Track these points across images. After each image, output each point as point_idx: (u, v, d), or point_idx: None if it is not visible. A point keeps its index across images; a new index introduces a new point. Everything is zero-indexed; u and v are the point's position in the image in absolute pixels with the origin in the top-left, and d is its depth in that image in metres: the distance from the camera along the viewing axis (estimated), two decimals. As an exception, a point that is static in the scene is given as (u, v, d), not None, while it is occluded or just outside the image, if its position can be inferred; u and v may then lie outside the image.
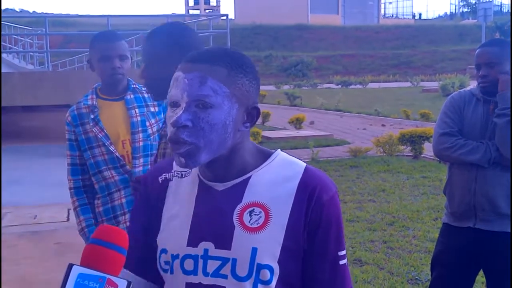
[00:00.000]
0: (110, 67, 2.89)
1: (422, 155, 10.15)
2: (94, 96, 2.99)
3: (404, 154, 10.47)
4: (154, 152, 2.96)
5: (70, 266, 1.15)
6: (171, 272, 1.34)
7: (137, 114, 2.95)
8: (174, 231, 1.36)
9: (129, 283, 1.17)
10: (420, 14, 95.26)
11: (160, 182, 1.43)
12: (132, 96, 3.01)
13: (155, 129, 3.01)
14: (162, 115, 2.99)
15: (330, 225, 1.32)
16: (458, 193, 2.92)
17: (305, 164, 1.36)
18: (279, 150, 1.39)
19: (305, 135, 13.39)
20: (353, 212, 6.55)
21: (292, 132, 14.11)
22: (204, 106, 1.24)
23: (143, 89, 3.07)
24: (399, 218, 6.31)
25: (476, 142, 2.83)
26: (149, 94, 3.04)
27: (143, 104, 3.02)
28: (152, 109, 3.04)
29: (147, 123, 2.98)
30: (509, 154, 2.74)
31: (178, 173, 1.41)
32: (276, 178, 1.32)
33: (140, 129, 2.89)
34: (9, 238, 5.18)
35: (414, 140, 10.06)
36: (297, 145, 11.84)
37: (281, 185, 1.31)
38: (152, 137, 2.98)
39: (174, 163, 1.43)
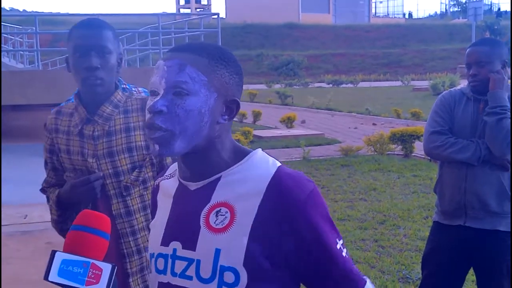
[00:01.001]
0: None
1: (413, 154, 10.19)
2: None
3: (395, 153, 10.50)
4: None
5: (53, 253, 1.15)
6: (150, 271, 1.37)
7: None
8: (154, 230, 1.38)
9: (113, 266, 1.16)
10: (410, 14, 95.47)
11: (155, 186, 1.48)
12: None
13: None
14: None
15: (316, 224, 1.24)
16: (449, 191, 2.93)
17: (280, 164, 1.30)
18: (258, 149, 1.34)
19: (296, 134, 13.40)
20: (344, 211, 6.56)
21: (283, 131, 14.11)
22: (181, 93, 1.23)
23: (133, 88, 3.00)
24: (390, 216, 6.33)
25: (466, 140, 2.85)
26: (139, 94, 3.00)
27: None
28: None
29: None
30: (498, 153, 2.76)
31: (167, 176, 1.43)
32: (246, 177, 1.27)
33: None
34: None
35: (405, 139, 10.10)
36: (288, 144, 11.85)
37: (250, 184, 1.26)
38: None
39: (168, 168, 1.46)
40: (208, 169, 1.30)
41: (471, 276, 3.57)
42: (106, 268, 1.16)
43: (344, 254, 1.29)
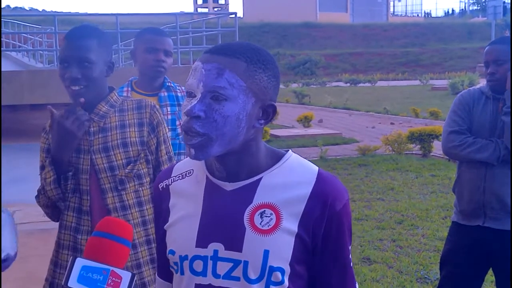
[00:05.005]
0: (155, 58, 2.95)
1: (431, 154, 10.12)
2: (129, 88, 3.03)
3: (413, 152, 10.43)
4: (182, 151, 2.99)
5: (74, 259, 1.15)
6: (182, 273, 1.33)
7: (168, 112, 2.97)
8: (181, 232, 1.35)
9: (133, 275, 1.17)
10: (430, 12, 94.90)
11: (161, 189, 1.43)
12: (165, 93, 3.05)
13: None
14: None
15: (343, 232, 1.31)
16: (467, 191, 2.90)
17: (317, 168, 1.34)
18: (290, 151, 1.36)
19: (314, 133, 13.36)
20: (361, 210, 6.54)
21: (301, 131, 14.09)
22: (219, 98, 1.22)
23: (178, 87, 3.12)
24: (408, 216, 6.29)
25: (485, 140, 2.82)
26: (182, 93, 3.09)
27: (176, 103, 3.06)
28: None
29: (177, 122, 3.01)
30: (518, 152, 2.73)
31: (179, 176, 1.41)
32: (288, 181, 1.30)
33: (169, 127, 2.90)
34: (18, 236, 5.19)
35: (423, 139, 10.03)
36: (306, 144, 11.82)
37: (293, 189, 1.29)
38: (180, 136, 3.01)
39: (174, 169, 1.43)
40: (245, 170, 1.30)
41: (490, 276, 3.54)
42: (126, 276, 1.16)
43: (351, 265, 1.37)
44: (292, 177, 1.30)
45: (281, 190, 1.29)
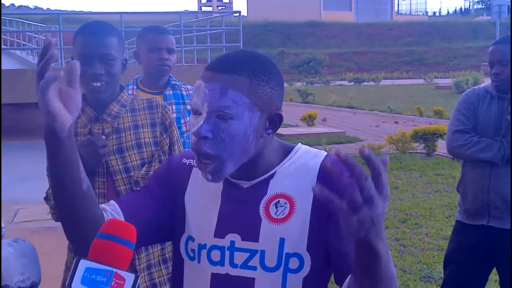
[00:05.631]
0: (158, 57, 2.94)
1: (435, 153, 10.10)
2: (135, 87, 3.04)
3: (417, 151, 10.42)
4: (187, 149, 2.99)
5: (78, 260, 1.16)
6: (198, 261, 1.35)
7: (174, 110, 2.97)
8: (201, 221, 1.37)
9: (136, 277, 1.17)
10: (434, 12, 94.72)
11: (183, 164, 1.42)
12: (171, 92, 3.06)
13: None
14: None
15: None
16: (472, 190, 2.90)
17: (326, 153, 1.36)
18: (299, 143, 1.40)
19: (318, 132, 13.37)
20: (365, 209, 6.53)
21: (304, 129, 14.09)
22: (225, 117, 1.23)
23: (183, 86, 3.12)
24: (412, 215, 6.29)
25: (490, 139, 2.82)
26: (187, 92, 3.09)
27: (181, 101, 3.06)
28: (189, 107, 3.08)
29: (182, 121, 3.02)
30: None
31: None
32: (299, 170, 1.33)
33: None
34: (23, 234, 5.20)
35: (427, 138, 10.02)
36: (309, 142, 11.82)
37: (303, 176, 1.31)
38: (185, 134, 3.02)
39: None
40: (259, 170, 1.33)
41: (494, 276, 3.54)
42: (129, 278, 1.17)
43: None
44: (302, 166, 1.33)
45: (292, 179, 1.32)
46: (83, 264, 1.16)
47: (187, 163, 1.43)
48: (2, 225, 1.60)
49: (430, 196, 7.19)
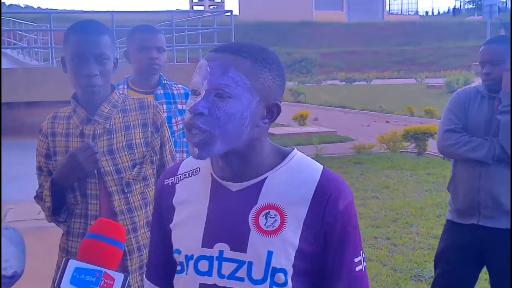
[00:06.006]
0: (148, 57, 2.94)
1: (426, 152, 10.14)
2: (125, 86, 3.03)
3: (408, 150, 10.46)
4: (178, 149, 2.99)
5: (67, 260, 1.16)
6: (186, 273, 1.33)
7: (164, 110, 2.97)
8: (188, 231, 1.34)
9: (125, 277, 1.17)
10: (426, 12, 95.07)
11: (165, 186, 1.42)
12: (161, 91, 3.06)
13: (180, 126, 3.04)
14: None
15: (348, 233, 1.30)
16: (462, 190, 2.91)
17: (322, 166, 1.33)
18: (295, 149, 1.36)
19: (309, 131, 13.39)
20: (356, 208, 6.50)
21: (296, 129, 14.11)
22: (223, 96, 1.22)
23: (173, 85, 3.12)
24: (403, 214, 6.31)
25: (480, 139, 2.83)
26: (178, 91, 3.09)
27: (171, 100, 3.06)
28: (179, 106, 3.07)
29: (173, 120, 3.01)
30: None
31: (185, 174, 1.40)
32: (293, 182, 1.29)
33: None
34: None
35: (418, 137, 10.05)
36: (301, 142, 11.83)
37: (298, 189, 1.28)
38: (176, 134, 3.01)
39: (180, 167, 1.42)
40: (250, 170, 1.30)
41: (484, 274, 3.55)
42: (118, 277, 1.16)
43: (357, 268, 1.31)
44: (296, 177, 1.30)
45: (285, 190, 1.29)
46: (72, 264, 1.16)
47: (170, 183, 1.42)
48: (22, 268, 1.58)
49: (421, 195, 7.21)
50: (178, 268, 1.35)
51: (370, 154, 10.17)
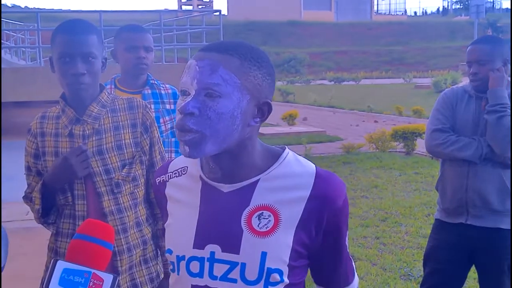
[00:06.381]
0: (136, 56, 2.94)
1: (415, 151, 10.18)
2: (112, 86, 3.02)
3: (397, 150, 10.50)
4: (166, 148, 2.98)
5: (55, 261, 1.15)
6: (178, 273, 1.33)
7: (152, 110, 2.96)
8: (179, 231, 1.34)
9: (114, 278, 1.16)
10: (415, 12, 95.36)
11: (158, 184, 1.43)
12: (149, 91, 3.04)
13: (168, 126, 3.02)
14: None
15: (342, 224, 1.33)
16: (450, 189, 2.93)
17: (315, 166, 1.33)
18: (287, 149, 1.35)
19: (298, 131, 13.41)
20: (345, 208, 6.56)
21: (285, 129, 14.12)
22: (213, 95, 1.21)
23: (161, 85, 3.11)
24: (392, 214, 6.33)
25: (468, 138, 2.84)
26: (166, 91, 3.07)
27: (159, 100, 3.04)
28: (167, 106, 3.06)
29: (161, 120, 3.00)
30: (499, 150, 2.76)
31: (175, 173, 1.40)
32: (287, 182, 1.29)
33: None
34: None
35: (407, 137, 10.09)
36: (290, 142, 11.84)
37: (292, 190, 1.28)
38: (165, 134, 3.00)
39: (170, 165, 1.43)
40: (241, 171, 1.29)
41: (472, 273, 3.58)
42: (107, 278, 1.15)
43: (347, 247, 1.40)
44: (290, 178, 1.29)
45: (279, 191, 1.28)
46: (61, 265, 1.15)
47: (161, 181, 1.43)
48: (3, 262, 1.57)
49: (410, 194, 7.24)
50: (170, 267, 1.35)
51: (359, 153, 10.20)
